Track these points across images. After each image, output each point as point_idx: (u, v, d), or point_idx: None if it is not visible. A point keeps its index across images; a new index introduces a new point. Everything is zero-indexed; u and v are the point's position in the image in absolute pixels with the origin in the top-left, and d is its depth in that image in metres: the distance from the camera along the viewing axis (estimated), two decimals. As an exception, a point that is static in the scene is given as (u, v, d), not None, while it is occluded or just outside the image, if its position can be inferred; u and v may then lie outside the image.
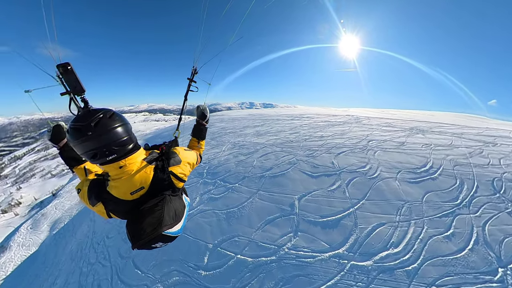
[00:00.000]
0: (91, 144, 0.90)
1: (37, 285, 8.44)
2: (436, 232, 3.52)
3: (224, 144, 8.24)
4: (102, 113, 0.94)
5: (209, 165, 6.31)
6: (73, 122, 0.92)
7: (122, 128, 0.98)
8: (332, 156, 5.49)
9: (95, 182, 1.09)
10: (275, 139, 7.32)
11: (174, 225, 0.99)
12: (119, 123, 0.97)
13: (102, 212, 1.08)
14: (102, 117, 0.93)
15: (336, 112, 13.84)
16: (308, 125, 9.17)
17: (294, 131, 8.37)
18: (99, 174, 1.21)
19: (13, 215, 37.93)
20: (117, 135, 0.95)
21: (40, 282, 8.45)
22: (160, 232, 0.92)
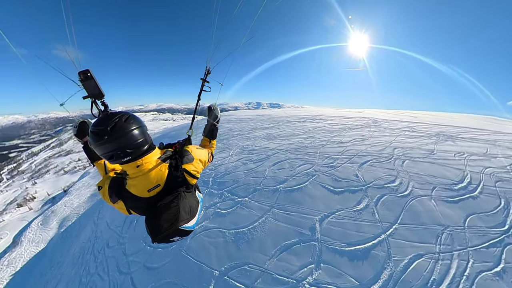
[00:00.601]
0: (107, 147, 0.95)
1: (41, 285, 8.21)
2: (484, 267, 2.84)
3: (231, 147, 7.68)
4: (118, 117, 0.98)
5: (216, 172, 5.76)
6: (93, 126, 0.98)
7: (137, 131, 1.01)
8: (355, 167, 4.80)
9: (115, 181, 1.13)
10: (288, 144, 6.67)
11: (189, 220, 1.05)
12: (134, 126, 1.01)
13: (123, 209, 1.13)
14: (118, 121, 0.97)
15: (350, 113, 13.01)
16: (323, 128, 8.47)
17: (308, 135, 7.70)
18: (118, 172, 1.24)
19: (28, 209, 39.30)
20: (132, 138, 0.99)
21: (44, 282, 8.25)
22: (177, 227, 0.98)
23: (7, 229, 34.64)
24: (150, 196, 1.10)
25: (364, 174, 4.58)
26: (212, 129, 1.65)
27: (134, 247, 5.11)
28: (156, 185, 1.09)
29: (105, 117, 0.99)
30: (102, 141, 0.95)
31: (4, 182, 68.61)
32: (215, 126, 1.66)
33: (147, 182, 1.07)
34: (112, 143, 0.95)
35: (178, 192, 1.11)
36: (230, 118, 16.05)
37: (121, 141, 0.97)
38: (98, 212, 10.55)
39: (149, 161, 1.08)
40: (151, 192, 1.09)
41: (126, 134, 0.98)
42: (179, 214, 1.00)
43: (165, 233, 0.96)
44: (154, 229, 0.98)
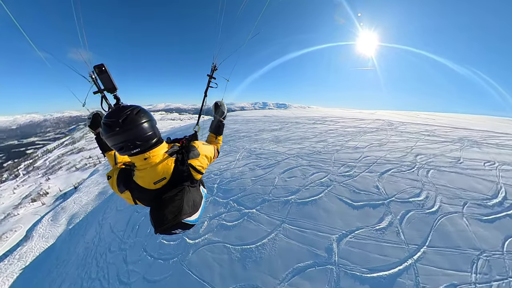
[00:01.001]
0: (118, 138, 0.99)
1: (48, 282, 8.24)
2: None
3: (238, 150, 7.34)
4: (129, 110, 1.02)
5: (221, 178, 5.44)
6: (105, 118, 1.01)
7: (146, 124, 1.05)
8: (375, 177, 4.34)
9: (123, 172, 1.19)
10: (298, 148, 6.25)
11: (192, 214, 1.09)
12: (144, 120, 1.04)
13: (129, 199, 1.19)
14: (129, 113, 1.01)
15: (362, 115, 12.39)
16: (335, 131, 7.98)
17: (320, 138, 7.24)
18: (127, 164, 1.28)
19: (41, 204, 40.69)
20: (142, 131, 1.03)
21: (50, 280, 8.24)
22: (180, 220, 1.02)
23: (21, 222, 36.05)
24: (156, 188, 1.12)
25: (385, 185, 4.12)
26: (218, 125, 1.65)
27: (134, 254, 4.90)
28: (162, 178, 1.12)
29: (117, 110, 1.02)
30: (113, 133, 0.97)
31: (20, 178, 71.57)
32: (221, 122, 1.66)
33: (153, 174, 1.10)
34: (122, 135, 0.98)
35: (183, 186, 1.13)
36: (237, 119, 15.73)
37: (131, 133, 0.99)
38: (103, 212, 10.51)
39: (157, 155, 1.11)
40: (157, 184, 1.12)
41: (137, 126, 1.00)
42: (182, 208, 1.03)
43: (168, 224, 1.00)
44: (157, 221, 1.02)
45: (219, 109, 1.67)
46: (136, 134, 1.01)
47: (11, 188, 60.57)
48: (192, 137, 1.56)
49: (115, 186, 1.18)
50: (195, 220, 1.12)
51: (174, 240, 4.39)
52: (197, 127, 1.67)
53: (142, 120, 1.03)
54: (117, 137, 0.98)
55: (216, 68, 1.80)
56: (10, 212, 41.76)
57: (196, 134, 1.63)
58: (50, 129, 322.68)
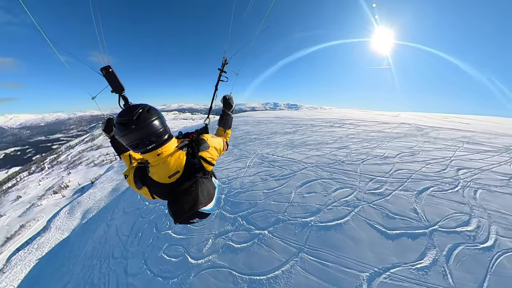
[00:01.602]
0: (134, 135, 1.02)
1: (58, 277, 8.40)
2: None
3: (249, 155, 6.81)
4: (141, 108, 1.06)
5: (229, 188, 4.93)
6: (118, 117, 1.05)
7: (158, 121, 1.09)
8: (411, 197, 3.60)
9: (139, 169, 1.23)
10: (317, 157, 5.57)
11: (207, 203, 1.15)
12: (155, 116, 1.08)
13: (147, 194, 1.23)
14: (141, 111, 1.05)
15: (384, 117, 11.36)
16: (357, 136, 7.19)
17: (341, 144, 6.51)
18: (141, 162, 1.31)
19: (61, 196, 42.99)
20: (155, 127, 1.07)
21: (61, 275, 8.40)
22: (197, 209, 1.08)
23: (43, 212, 38.36)
24: (171, 182, 1.16)
25: (425, 208, 3.38)
26: (227, 118, 1.66)
27: (135, 266, 4.60)
28: (175, 171, 1.15)
29: (129, 109, 1.06)
30: (128, 131, 1.01)
31: (45, 171, 76.50)
32: (229, 116, 1.67)
33: (167, 169, 1.14)
34: (138, 132, 1.02)
35: (196, 178, 1.16)
36: (247, 120, 15.20)
37: (145, 130, 1.03)
38: (112, 212, 10.49)
39: (168, 150, 1.15)
40: (171, 178, 1.15)
41: (150, 123, 1.05)
42: (198, 198, 1.08)
43: (187, 214, 1.06)
44: (176, 211, 1.07)
45: (227, 102, 1.68)
46: (150, 130, 1.04)
47: (37, 180, 64.86)
48: (203, 130, 1.60)
49: (132, 183, 1.23)
50: (211, 209, 1.18)
51: (176, 257, 3.97)
52: (207, 120, 1.71)
53: (154, 117, 1.07)
54: (132, 134, 1.02)
55: (227, 62, 1.79)
56: (34, 202, 44.62)
57: (207, 127, 1.66)
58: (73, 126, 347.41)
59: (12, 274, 15.15)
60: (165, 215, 5.65)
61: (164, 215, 5.68)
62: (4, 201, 56.05)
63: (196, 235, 4.13)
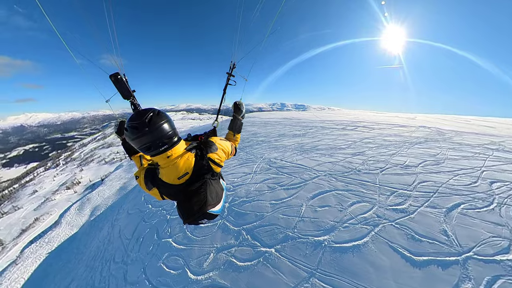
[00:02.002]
0: (146, 138, 1.05)
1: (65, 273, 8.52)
2: None
3: (255, 159, 6.46)
4: (151, 112, 1.09)
5: (234, 196, 4.60)
6: (129, 121, 1.07)
7: (168, 124, 1.13)
8: (440, 216, 3.12)
9: (149, 171, 1.26)
10: (330, 164, 5.13)
11: (216, 204, 1.16)
12: (165, 119, 1.12)
13: (157, 195, 1.26)
14: (152, 115, 1.08)
15: (400, 120, 10.69)
16: (373, 141, 6.68)
17: (355, 149, 6.02)
18: (151, 163, 1.35)
19: (73, 192, 44.39)
20: (166, 129, 1.10)
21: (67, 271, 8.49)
22: (206, 210, 1.09)
23: (56, 207, 39.76)
24: (180, 183, 1.18)
25: (456, 230, 2.90)
26: (237, 123, 1.71)
27: (134, 274, 4.43)
28: (185, 173, 1.17)
29: (139, 113, 1.07)
30: (141, 133, 1.04)
31: (60, 167, 79.52)
32: (240, 121, 1.72)
33: (177, 171, 1.16)
34: (150, 135, 1.05)
35: (204, 179, 1.18)
36: (254, 121, 14.85)
37: (157, 133, 1.06)
38: (117, 212, 10.47)
39: (178, 152, 1.17)
40: (181, 179, 1.17)
41: (161, 125, 1.08)
42: (206, 199, 1.09)
43: (195, 215, 1.07)
44: (185, 212, 1.09)
45: (238, 108, 1.72)
46: (162, 132, 1.07)
47: (52, 176, 67.48)
48: (211, 133, 1.65)
49: (143, 184, 1.26)
50: (219, 210, 1.17)
51: (175, 269, 3.70)
52: (216, 123, 1.76)
53: (164, 120, 1.10)
54: (145, 137, 1.04)
55: (235, 66, 1.81)
56: (49, 197, 46.37)
57: (215, 130, 1.70)
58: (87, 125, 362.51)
59: (24, 267, 15.66)
60: (167, 220, 5.42)
61: (165, 221, 5.45)
62: (21, 195, 58.75)
63: (197, 247, 3.85)
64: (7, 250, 31.91)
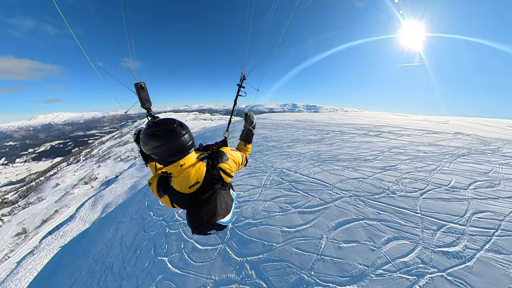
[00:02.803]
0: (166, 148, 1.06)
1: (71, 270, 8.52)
2: None
3: (265, 169, 5.77)
4: (175, 123, 1.12)
5: (239, 215, 3.95)
6: (150, 129, 1.07)
7: (188, 135, 1.15)
8: (509, 266, 2.26)
9: (162, 178, 1.24)
10: (356, 180, 4.27)
11: (225, 215, 1.14)
12: (186, 131, 1.14)
13: (167, 203, 1.25)
14: (175, 125, 1.10)
15: (430, 124, 9.43)
16: (404, 150, 5.70)
17: (385, 161, 5.11)
18: (164, 171, 1.29)
19: (90, 187, 46.38)
20: (184, 141, 1.12)
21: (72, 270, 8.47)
22: (215, 221, 1.07)
23: (74, 200, 41.76)
24: (191, 192, 1.18)
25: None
26: (248, 134, 1.73)
27: None
28: (196, 182, 1.17)
29: (160, 122, 1.10)
30: (161, 143, 1.05)
31: (80, 163, 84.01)
32: (251, 131, 1.74)
33: (188, 179, 1.16)
34: (172, 145, 1.07)
35: (215, 189, 1.18)
36: (265, 123, 14.12)
37: (177, 144, 1.08)
38: (123, 213, 10.28)
39: (190, 161, 1.17)
40: (191, 188, 1.17)
41: (182, 137, 1.10)
42: (216, 209, 1.08)
43: (205, 225, 1.05)
44: (194, 222, 1.07)
45: (248, 118, 1.75)
46: (181, 144, 1.09)
47: (73, 171, 71.42)
48: (222, 143, 1.68)
49: (155, 191, 1.25)
50: (228, 221, 1.16)
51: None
52: (227, 133, 1.79)
53: (185, 131, 1.12)
54: (165, 147, 1.05)
55: (245, 77, 1.85)
56: (68, 191, 48.86)
57: (225, 140, 1.71)
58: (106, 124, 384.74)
59: (39, 258, 16.30)
60: (165, 234, 4.93)
61: (164, 235, 4.96)
62: (46, 187, 62.69)
63: (193, 274, 3.26)
64: (29, 238, 33.97)
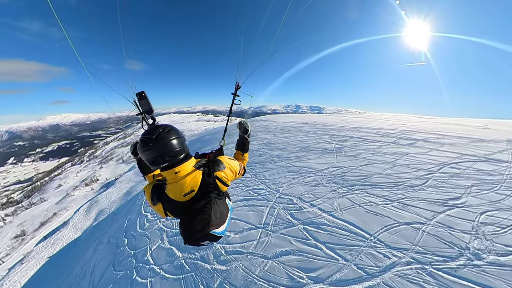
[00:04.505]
0: (151, 153, 1.09)
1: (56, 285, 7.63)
2: None
3: (268, 195, 4.24)
4: (161, 129, 1.14)
5: (226, 278, 2.47)
6: (142, 135, 1.14)
7: (176, 141, 1.14)
8: None
9: (156, 186, 1.25)
10: (411, 229, 2.64)
11: (219, 225, 1.10)
12: (173, 137, 1.14)
13: (161, 211, 1.22)
14: (161, 131, 1.12)
15: (467, 129, 7.76)
16: (460, 171, 3.95)
17: (441, 190, 3.46)
18: (160, 179, 1.34)
19: (90, 189, 45.67)
20: (171, 147, 1.12)
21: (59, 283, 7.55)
22: (208, 231, 1.04)
23: (74, 202, 41.04)
24: (185, 200, 1.17)
25: None
26: (243, 142, 1.70)
27: None
28: (191, 190, 1.16)
29: (152, 128, 1.15)
30: (147, 147, 1.08)
31: (84, 163, 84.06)
32: (246, 140, 1.72)
33: (183, 187, 1.15)
34: (154, 150, 1.08)
35: (210, 198, 1.16)
36: (268, 125, 12.55)
37: (161, 149, 1.08)
38: (104, 232, 8.94)
39: (186, 169, 1.16)
40: (186, 196, 1.16)
41: (167, 142, 1.10)
42: (210, 219, 1.05)
43: (197, 236, 1.02)
44: (186, 232, 1.05)
45: (242, 127, 1.73)
46: (166, 149, 1.08)
47: (76, 171, 71.27)
48: (218, 152, 1.66)
49: (149, 199, 1.23)
50: (222, 232, 1.14)
51: None
52: (222, 142, 1.77)
53: (172, 137, 1.12)
54: (150, 151, 1.07)
55: (240, 86, 1.88)
56: (69, 192, 48.34)
57: (221, 148, 1.70)
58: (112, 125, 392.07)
59: (26, 269, 15.23)
60: (131, 282, 3.49)
61: (130, 281, 3.53)
62: (49, 188, 62.59)
63: None
64: (25, 242, 33.29)
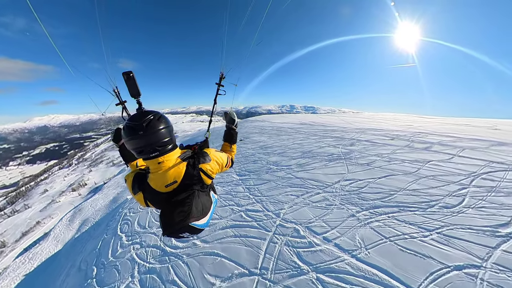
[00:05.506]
0: (139, 142, 1.02)
1: None
2: None
3: (264, 221, 3.41)
4: (153, 115, 1.06)
5: None
6: (128, 121, 1.05)
7: (166, 130, 1.08)
8: None
9: (138, 174, 1.23)
10: (467, 284, 1.92)
11: (200, 218, 1.07)
12: (164, 125, 1.08)
13: (141, 200, 1.20)
14: (152, 119, 1.04)
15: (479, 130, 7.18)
16: (495, 183, 3.28)
17: (484, 212, 2.67)
18: (142, 168, 1.36)
19: (77, 195, 43.51)
20: (162, 136, 1.06)
21: None
22: (187, 223, 1.01)
23: (59, 210, 38.83)
24: (167, 191, 1.14)
25: None
26: (230, 133, 1.66)
27: None
28: (173, 181, 1.12)
29: (140, 114, 1.05)
30: (135, 135, 1.00)
31: (72, 167, 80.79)
32: (233, 130, 1.67)
33: (165, 178, 1.12)
34: (144, 139, 1.01)
35: (193, 190, 1.13)
36: (264, 126, 11.73)
37: (152, 137, 1.02)
38: (76, 254, 7.84)
39: (170, 159, 1.12)
40: (168, 187, 1.13)
41: (158, 131, 1.04)
42: (190, 211, 1.03)
43: (176, 227, 1.00)
44: (166, 223, 1.02)
45: (228, 116, 1.68)
46: (156, 138, 1.03)
47: (63, 176, 68.25)
48: (204, 143, 1.61)
49: (130, 187, 1.22)
50: (203, 225, 1.11)
51: None
52: (207, 134, 1.75)
53: (163, 126, 1.06)
54: (139, 140, 1.01)
55: (224, 76, 1.85)
56: (55, 198, 45.94)
57: (207, 140, 1.66)
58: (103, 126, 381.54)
59: (-2, 290, 13.71)
60: None
61: None
62: (34, 193, 59.52)
63: None
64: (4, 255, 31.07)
